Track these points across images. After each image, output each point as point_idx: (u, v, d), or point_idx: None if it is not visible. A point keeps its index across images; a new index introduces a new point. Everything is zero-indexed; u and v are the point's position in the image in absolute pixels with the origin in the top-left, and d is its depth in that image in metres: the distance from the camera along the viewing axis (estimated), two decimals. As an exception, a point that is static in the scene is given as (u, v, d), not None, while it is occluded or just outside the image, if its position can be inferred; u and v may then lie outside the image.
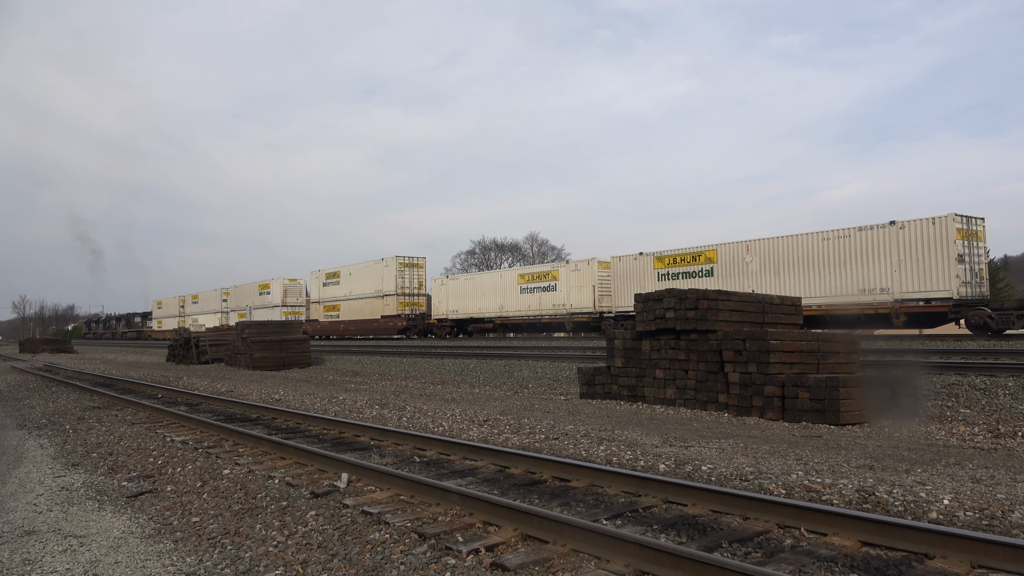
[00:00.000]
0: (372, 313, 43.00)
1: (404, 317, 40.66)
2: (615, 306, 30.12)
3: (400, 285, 41.41)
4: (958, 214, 21.23)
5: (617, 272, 30.31)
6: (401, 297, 41.33)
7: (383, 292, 42.09)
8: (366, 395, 14.05)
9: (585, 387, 13.19)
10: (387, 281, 41.86)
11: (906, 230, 21.94)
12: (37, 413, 12.65)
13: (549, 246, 74.65)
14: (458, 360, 20.39)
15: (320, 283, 48.54)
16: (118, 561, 4.55)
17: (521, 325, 37.03)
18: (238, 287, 58.77)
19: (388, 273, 41.76)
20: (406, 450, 7.98)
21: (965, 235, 21.23)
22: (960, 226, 21.16)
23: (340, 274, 46.51)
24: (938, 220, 21.38)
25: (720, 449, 7.52)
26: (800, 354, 10.46)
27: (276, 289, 52.57)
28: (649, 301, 12.15)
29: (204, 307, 64.55)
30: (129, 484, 6.73)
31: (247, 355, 24.37)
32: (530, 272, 35.46)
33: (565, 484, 6.12)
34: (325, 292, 47.96)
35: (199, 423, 10.03)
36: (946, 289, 20.90)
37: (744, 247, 26.18)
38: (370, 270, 43.41)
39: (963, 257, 21.00)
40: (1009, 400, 9.67)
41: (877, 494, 5.30)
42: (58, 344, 51.44)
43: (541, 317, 34.36)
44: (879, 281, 22.21)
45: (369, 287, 43.32)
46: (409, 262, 42.06)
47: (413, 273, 42.15)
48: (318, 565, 4.28)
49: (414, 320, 40.54)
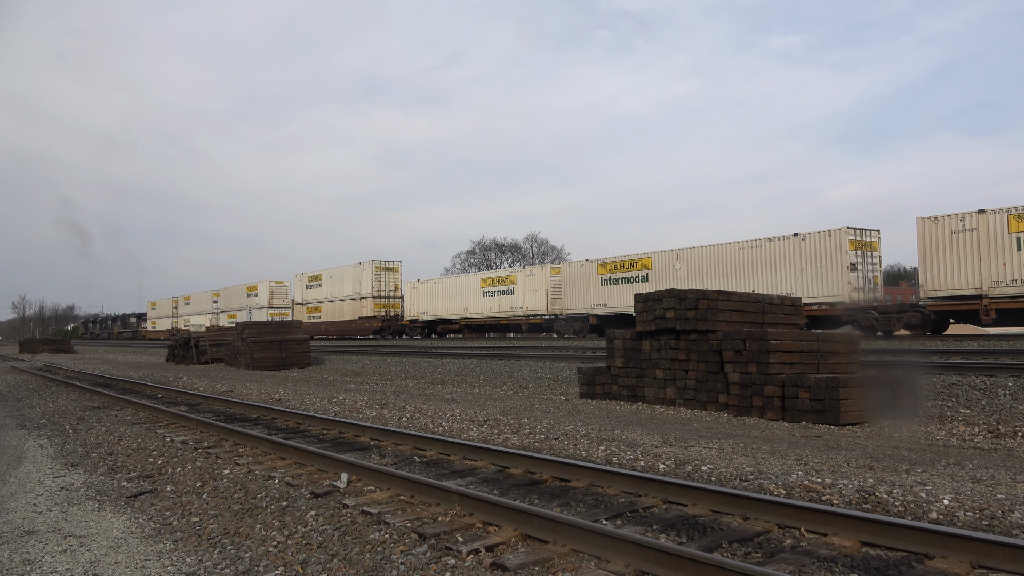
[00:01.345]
0: (351, 314, 44.73)
1: (380, 318, 42.71)
2: (565, 308, 32.59)
3: (376, 288, 43.32)
4: (851, 227, 23.49)
5: (567, 277, 32.81)
6: (377, 299, 43.32)
7: (360, 295, 43.94)
8: (366, 395, 14.05)
9: (585, 387, 13.19)
10: (364, 284, 43.63)
11: (807, 241, 24.28)
12: (37, 413, 12.65)
13: (549, 246, 74.79)
14: (458, 360, 20.39)
15: (303, 285, 50.70)
16: (118, 561, 4.55)
17: (483, 326, 39.50)
18: (228, 289, 60.78)
19: (365, 276, 43.56)
20: (406, 450, 7.98)
21: (858, 246, 23.67)
22: (853, 238, 23.53)
23: (322, 277, 48.53)
24: (833, 232, 23.66)
25: (720, 449, 7.52)
26: (800, 354, 10.46)
27: (263, 291, 54.56)
28: (649, 301, 12.15)
29: (196, 308, 66.29)
30: (129, 484, 6.73)
31: (247, 355, 24.37)
32: (491, 277, 38.02)
33: (565, 484, 6.12)
34: (308, 294, 50.15)
35: (199, 423, 10.03)
36: (840, 294, 23.18)
37: (674, 255, 28.56)
38: (349, 273, 45.29)
39: (855, 266, 23.43)
40: (1009, 400, 9.67)
41: (877, 494, 5.30)
42: (58, 344, 51.42)
43: (501, 319, 36.82)
44: (785, 287, 24.32)
45: (348, 290, 45.17)
46: (385, 266, 43.91)
47: (389, 276, 44.01)
48: (318, 565, 4.28)
49: (389, 321, 42.74)
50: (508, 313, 36.20)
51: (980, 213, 20.95)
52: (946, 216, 21.61)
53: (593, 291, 31.08)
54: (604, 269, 30.93)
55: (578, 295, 31.72)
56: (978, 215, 20.96)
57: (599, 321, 31.25)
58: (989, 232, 20.72)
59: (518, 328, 37.22)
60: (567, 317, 32.59)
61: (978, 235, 20.89)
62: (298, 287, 51.67)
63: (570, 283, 32.50)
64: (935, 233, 21.81)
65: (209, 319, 60.61)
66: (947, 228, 21.57)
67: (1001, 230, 20.55)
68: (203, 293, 65.35)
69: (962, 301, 21.48)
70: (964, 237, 21.24)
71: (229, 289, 60.37)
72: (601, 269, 31.04)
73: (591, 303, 31.36)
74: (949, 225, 21.53)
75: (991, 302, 20.67)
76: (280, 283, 54.95)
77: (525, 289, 35.35)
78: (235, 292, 58.81)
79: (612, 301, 30.59)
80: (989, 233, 20.72)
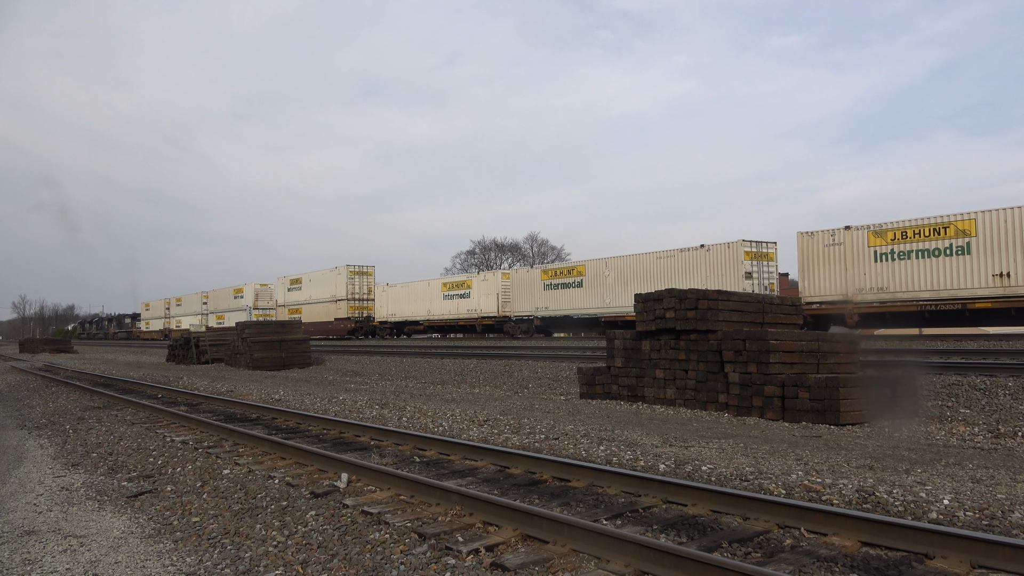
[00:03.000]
0: (328, 316, 47.05)
1: (353, 319, 45.48)
2: (514, 311, 35.67)
3: (351, 291, 46.01)
4: (746, 240, 26.43)
5: (515, 283, 35.91)
6: (352, 302, 46.02)
7: (337, 297, 46.45)
8: (366, 395, 14.05)
9: (585, 387, 13.19)
10: (339, 287, 46.26)
11: (711, 252, 27.02)
12: (37, 413, 12.65)
13: (549, 246, 74.74)
14: (458, 360, 20.39)
15: (285, 288, 53.08)
16: (118, 561, 4.55)
17: (444, 327, 42.23)
18: (216, 291, 63.26)
19: (340, 280, 46.19)
20: (406, 450, 7.98)
21: (754, 257, 26.52)
22: (749, 249, 26.40)
23: (302, 280, 51.11)
24: (731, 245, 26.46)
25: (720, 449, 7.52)
26: (800, 354, 10.45)
27: (248, 293, 57.10)
28: (649, 301, 12.15)
29: (186, 309, 68.71)
30: (129, 484, 6.73)
31: (247, 355, 24.37)
32: (451, 281, 40.79)
33: (565, 484, 6.12)
34: (289, 296, 52.54)
35: (199, 423, 10.03)
36: None
37: (604, 264, 31.22)
38: (326, 277, 47.79)
39: (751, 274, 26.18)
40: (1009, 400, 9.67)
41: (877, 494, 5.30)
42: (58, 344, 51.47)
43: (459, 320, 39.57)
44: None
45: (325, 292, 47.60)
46: (359, 270, 46.59)
47: (362, 280, 46.72)
48: (318, 565, 4.28)
49: (361, 322, 45.60)
50: (465, 315, 38.67)
51: (846, 229, 23.61)
52: (820, 231, 24.20)
53: (537, 295, 33.99)
54: (547, 275, 33.96)
55: (525, 299, 34.75)
56: (844, 231, 23.62)
57: (543, 322, 34.34)
58: (853, 246, 23.36)
59: (472, 329, 39.72)
60: (516, 319, 35.61)
61: (844, 249, 23.56)
62: (280, 289, 53.99)
63: (518, 288, 35.49)
64: (811, 246, 24.36)
65: (199, 320, 63.18)
66: (820, 242, 24.14)
67: (862, 244, 23.14)
68: (193, 295, 67.52)
69: (832, 305, 23.85)
70: (833, 250, 23.83)
71: (217, 291, 62.88)
72: (544, 275, 34.07)
73: (535, 306, 34.14)
74: (822, 239, 24.09)
75: (854, 307, 23.13)
76: (264, 285, 57.43)
77: (480, 293, 37.77)
78: (223, 294, 61.36)
79: (553, 304, 33.41)
80: (853, 247, 23.36)
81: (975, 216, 20.68)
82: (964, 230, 20.90)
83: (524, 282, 35.10)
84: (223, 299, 60.88)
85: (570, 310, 32.46)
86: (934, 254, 21.52)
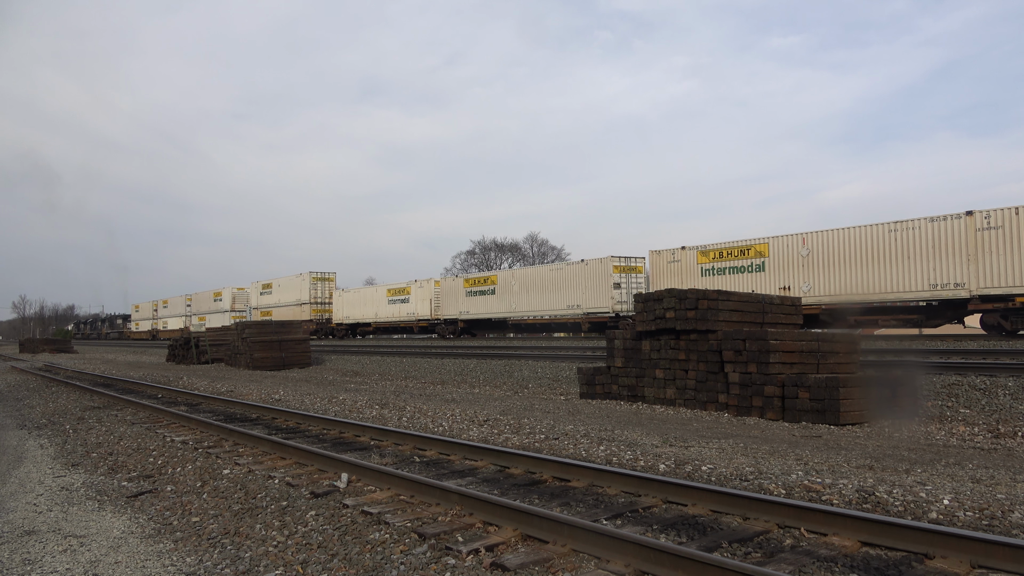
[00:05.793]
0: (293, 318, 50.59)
1: (314, 322, 49.30)
2: (443, 314, 39.96)
3: (313, 295, 50.64)
4: (615, 255, 30.35)
5: (444, 290, 40.42)
6: (314, 305, 50.53)
7: (301, 301, 50.83)
8: (366, 395, 14.05)
9: (585, 387, 13.19)
10: (303, 292, 50.83)
11: (589, 266, 31.18)
12: (37, 413, 12.65)
13: (549, 246, 74.66)
14: (458, 360, 20.39)
15: (258, 292, 56.93)
16: (118, 561, 4.55)
17: (388, 328, 46.75)
18: (199, 294, 67.09)
19: (304, 285, 50.79)
20: (406, 450, 7.98)
21: (622, 270, 30.40)
22: (618, 263, 30.33)
23: (272, 285, 55.26)
24: (603, 260, 30.47)
25: (720, 449, 7.52)
26: (800, 354, 10.45)
27: (227, 297, 60.92)
28: (649, 301, 12.14)
29: (172, 311, 72.00)
30: (129, 484, 6.73)
31: (247, 355, 24.36)
32: (394, 287, 44.58)
33: (565, 484, 6.12)
34: (262, 300, 56.21)
35: (199, 423, 10.03)
36: (607, 307, 30.15)
37: (512, 275, 36.04)
38: (292, 283, 52.32)
39: (619, 285, 30.08)
40: (1009, 400, 9.67)
41: (877, 494, 5.30)
42: (58, 344, 51.53)
43: (400, 322, 43.96)
44: (577, 301, 31.76)
45: (292, 297, 51.88)
46: (321, 276, 51.07)
47: (324, 285, 51.23)
48: (318, 565, 4.28)
49: (321, 324, 49.75)
50: (405, 318, 43.19)
51: (682, 249, 27.41)
52: (665, 250, 28.12)
53: (461, 301, 38.47)
54: (468, 284, 38.69)
55: (451, 304, 39.13)
56: (681, 250, 27.46)
57: (466, 324, 39.06)
58: (687, 263, 27.22)
59: (410, 330, 44.59)
60: (444, 321, 39.86)
61: (681, 265, 27.34)
62: (254, 293, 57.65)
63: (446, 295, 39.84)
64: (658, 262, 28.28)
65: (183, 321, 66.97)
66: (664, 259, 28.01)
67: (692, 262, 27.04)
68: (178, 298, 70.99)
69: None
70: (673, 266, 27.62)
71: (199, 294, 66.71)
72: (466, 284, 38.82)
73: (459, 310, 38.58)
74: (665, 257, 28.00)
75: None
76: (241, 289, 61.17)
77: (416, 298, 42.03)
78: (204, 297, 65.15)
79: (473, 309, 37.69)
80: (687, 264, 27.21)
81: (768, 241, 24.89)
82: (760, 251, 25.13)
83: (451, 289, 39.59)
84: (205, 302, 64.64)
85: (487, 314, 37.02)
86: (740, 270, 25.71)
